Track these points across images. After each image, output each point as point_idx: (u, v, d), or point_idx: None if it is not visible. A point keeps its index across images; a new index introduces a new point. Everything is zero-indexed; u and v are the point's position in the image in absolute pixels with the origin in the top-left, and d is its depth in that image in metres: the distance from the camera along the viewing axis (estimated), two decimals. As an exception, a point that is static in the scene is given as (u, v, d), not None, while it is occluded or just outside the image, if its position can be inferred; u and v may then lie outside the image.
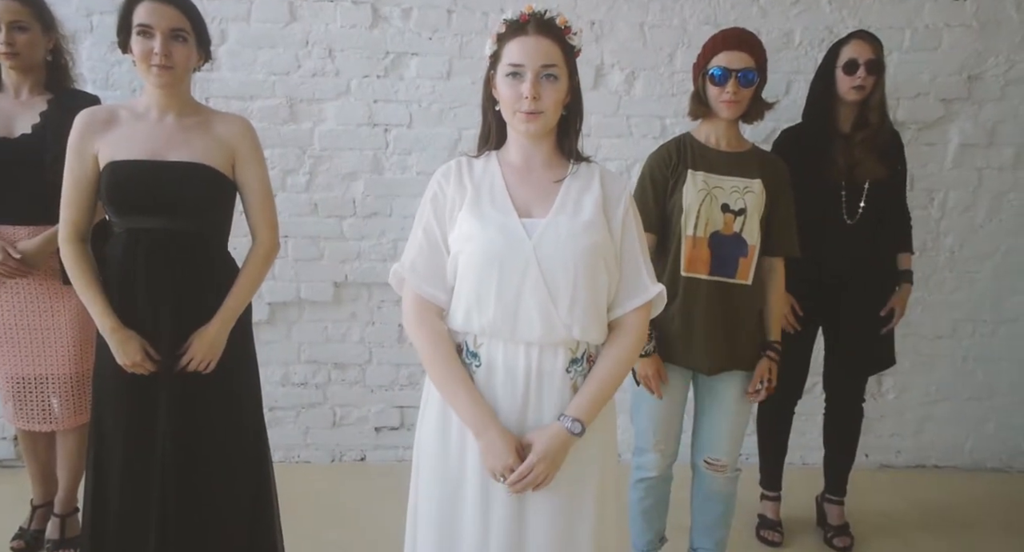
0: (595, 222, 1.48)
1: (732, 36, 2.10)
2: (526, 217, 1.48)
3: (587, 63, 2.89)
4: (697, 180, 2.10)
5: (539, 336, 1.45)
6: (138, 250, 1.82)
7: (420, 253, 1.52)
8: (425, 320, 1.51)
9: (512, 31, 1.47)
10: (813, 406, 2.97)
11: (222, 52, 2.80)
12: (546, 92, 1.45)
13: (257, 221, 1.96)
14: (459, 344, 1.52)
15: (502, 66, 1.47)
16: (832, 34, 2.89)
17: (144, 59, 1.76)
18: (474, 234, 1.46)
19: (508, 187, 1.52)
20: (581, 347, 1.50)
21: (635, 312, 1.53)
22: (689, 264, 2.09)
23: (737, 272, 2.11)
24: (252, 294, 1.97)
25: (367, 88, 2.87)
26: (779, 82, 2.92)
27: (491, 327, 1.46)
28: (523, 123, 1.47)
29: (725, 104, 2.07)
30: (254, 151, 1.93)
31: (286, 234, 2.94)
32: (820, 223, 2.44)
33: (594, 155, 2.97)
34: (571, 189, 1.52)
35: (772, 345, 2.18)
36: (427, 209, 1.54)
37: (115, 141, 1.82)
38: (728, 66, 2.06)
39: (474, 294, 1.46)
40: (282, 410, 3.11)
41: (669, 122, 2.94)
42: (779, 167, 2.20)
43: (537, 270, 1.44)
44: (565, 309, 1.45)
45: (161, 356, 1.85)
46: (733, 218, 2.10)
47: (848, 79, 2.37)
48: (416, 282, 1.51)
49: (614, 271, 1.52)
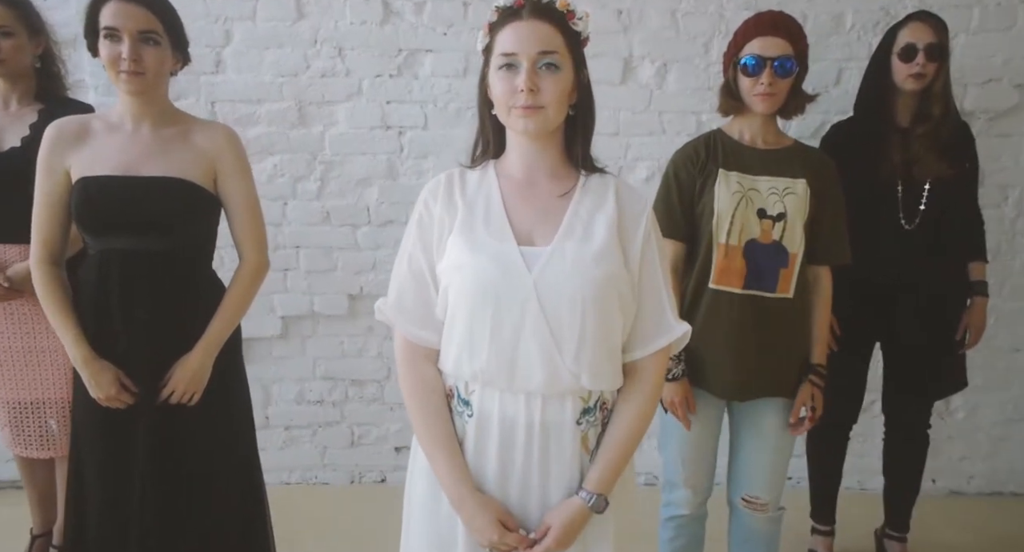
0: (608, 249, 1.26)
1: (766, 20, 1.85)
2: (527, 244, 1.27)
3: (615, 55, 2.68)
4: (730, 181, 1.86)
5: (541, 385, 1.24)
6: (112, 273, 1.68)
7: (405, 288, 1.32)
8: (413, 366, 1.32)
9: (505, 17, 1.26)
10: (873, 426, 2.72)
11: (227, 53, 2.66)
12: (545, 83, 1.23)
13: (242, 238, 1.80)
14: (450, 388, 1.32)
15: (495, 58, 1.26)
16: (889, 16, 2.60)
17: (112, 65, 1.62)
18: (464, 263, 1.25)
19: (506, 206, 1.30)
20: (594, 395, 1.29)
21: (655, 356, 1.31)
22: (720, 275, 1.86)
23: (778, 285, 1.87)
24: (238, 318, 1.82)
25: (379, 88, 2.70)
26: (828, 71, 2.66)
27: (484, 374, 1.25)
28: (520, 119, 1.24)
29: (759, 97, 1.83)
30: (237, 162, 1.77)
31: (298, 245, 2.81)
32: (874, 228, 2.18)
33: (623, 155, 2.80)
34: (580, 208, 1.30)
35: (815, 368, 1.93)
36: (412, 235, 1.33)
37: (87, 155, 1.68)
38: (762, 54, 1.81)
39: (465, 335, 1.26)
40: (298, 429, 2.97)
41: (705, 118, 2.69)
42: (825, 165, 1.95)
43: (538, 308, 1.22)
44: (571, 354, 1.23)
45: (139, 388, 1.71)
46: (772, 224, 1.86)
47: (905, 66, 2.10)
48: (402, 324, 1.32)
49: (630, 307, 1.29)
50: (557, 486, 1.28)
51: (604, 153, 2.68)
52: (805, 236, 1.87)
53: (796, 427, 1.93)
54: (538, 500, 1.28)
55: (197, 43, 2.59)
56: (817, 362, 1.94)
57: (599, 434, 1.31)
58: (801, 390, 1.91)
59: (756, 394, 1.90)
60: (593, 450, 1.30)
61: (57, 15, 2.30)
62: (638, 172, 2.76)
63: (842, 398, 2.28)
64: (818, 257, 1.93)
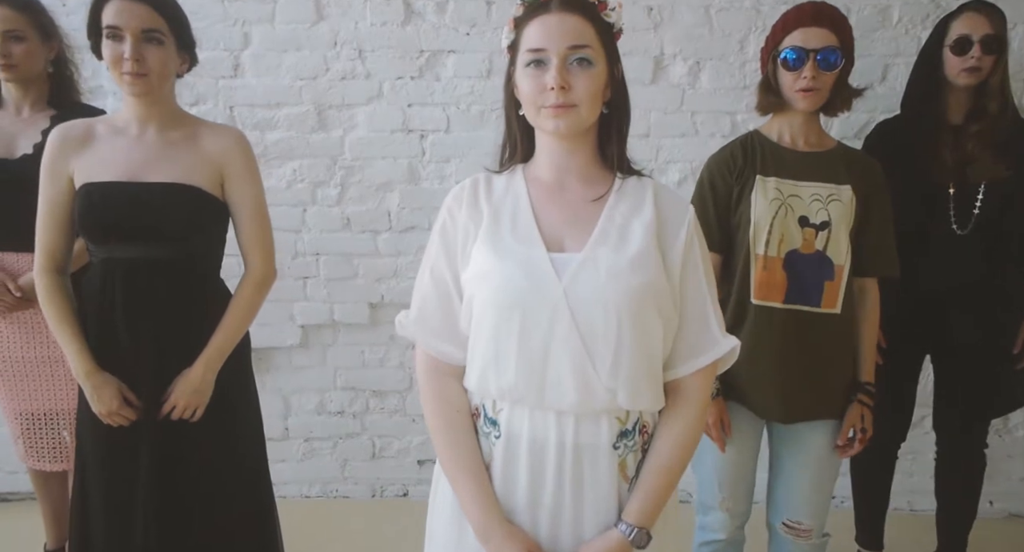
0: (646, 256, 1.15)
1: (809, 9, 1.72)
2: (557, 250, 1.17)
3: (645, 53, 2.56)
4: (768, 187, 1.73)
5: (573, 403, 1.14)
6: (115, 282, 1.61)
7: (427, 300, 1.24)
8: (435, 383, 1.23)
9: (531, 11, 1.17)
10: (923, 443, 2.56)
11: (246, 57, 2.60)
12: (578, 80, 1.13)
13: (248, 245, 1.72)
14: (475, 407, 1.22)
15: (521, 55, 1.17)
16: (939, 8, 2.46)
17: (115, 65, 1.55)
18: (490, 272, 1.16)
19: (535, 210, 1.20)
20: (632, 416, 1.18)
21: (699, 374, 1.20)
22: (760, 289, 1.73)
23: (823, 299, 1.73)
24: (243, 329, 1.74)
25: (400, 91, 2.62)
26: (874, 66, 2.51)
27: (512, 391, 1.16)
28: (550, 119, 1.15)
29: (801, 93, 1.70)
30: (246, 167, 1.70)
31: (317, 252, 2.73)
32: (923, 234, 2.04)
33: (654, 158, 2.67)
34: (615, 212, 1.19)
35: (864, 387, 1.79)
36: (435, 244, 1.24)
37: (91, 160, 1.62)
38: (805, 46, 1.69)
39: (490, 349, 1.16)
40: (319, 441, 2.90)
41: (740, 118, 2.56)
42: (872, 169, 1.81)
43: (569, 319, 1.12)
44: (606, 369, 1.13)
45: (143, 403, 1.64)
46: (814, 233, 1.72)
47: (958, 60, 1.96)
48: (424, 338, 1.23)
49: (671, 319, 1.18)
50: (592, 516, 1.17)
51: (635, 155, 2.52)
52: (851, 246, 1.74)
53: (844, 449, 1.80)
54: (570, 531, 1.18)
55: (215, 46, 2.58)
56: (866, 380, 1.80)
57: (639, 461, 1.20)
58: (850, 411, 1.78)
59: (801, 417, 1.78)
60: (632, 478, 1.19)
61: (75, 20, 2.24)
62: (670, 175, 2.63)
63: (890, 415, 2.15)
64: (864, 268, 1.80)
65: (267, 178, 2.64)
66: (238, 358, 1.76)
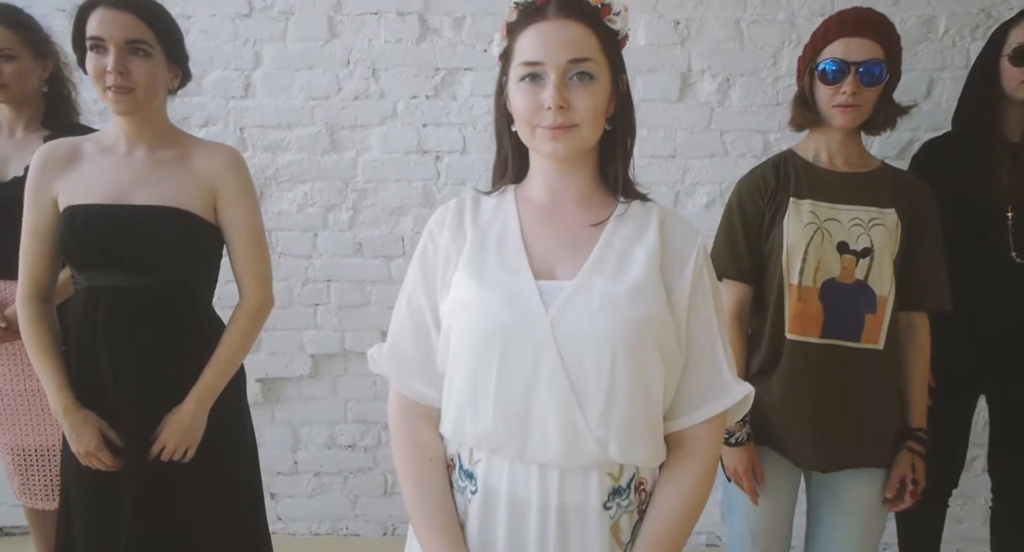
0: (647, 285, 1.02)
1: (852, 18, 1.58)
2: (547, 278, 1.04)
3: (671, 70, 2.43)
4: (802, 211, 1.58)
5: (558, 455, 1.00)
6: (98, 312, 1.51)
7: (402, 333, 1.12)
8: (408, 428, 1.10)
9: (526, 16, 1.05)
10: (973, 486, 2.35)
11: (257, 76, 2.52)
12: (579, 97, 1.01)
13: (243, 272, 1.61)
14: (451, 458, 1.09)
15: (515, 68, 1.04)
16: (991, 19, 2.30)
17: (98, 79, 1.45)
18: (469, 301, 1.03)
19: (525, 234, 1.08)
20: (627, 471, 1.03)
21: (707, 425, 1.06)
22: (795, 323, 1.57)
23: (863, 334, 1.57)
24: (238, 362, 1.62)
25: (415, 110, 2.51)
26: (917, 81, 2.35)
27: (490, 438, 1.02)
28: (547, 142, 1.03)
29: (840, 109, 1.56)
30: (241, 188, 1.59)
31: (328, 278, 2.62)
32: (977, 262, 1.87)
33: (680, 180, 2.52)
34: (615, 238, 1.07)
35: (915, 433, 1.62)
36: (414, 271, 1.13)
37: (75, 182, 1.52)
38: (846, 58, 1.54)
39: (467, 389, 1.03)
40: (328, 476, 2.76)
41: (773, 138, 2.40)
42: (920, 191, 1.66)
43: (556, 355, 0.99)
44: (596, 416, 0.99)
45: (127, 443, 1.52)
46: (854, 261, 1.57)
47: (1018, 71, 1.79)
48: (398, 376, 1.11)
49: (675, 361, 1.04)
50: None
51: (660, 177, 2.49)
52: (895, 276, 1.58)
53: (893, 502, 1.63)
54: None
55: (226, 66, 2.50)
56: (916, 425, 1.63)
57: (636, 523, 1.05)
58: (899, 460, 1.61)
59: (842, 464, 1.61)
60: (627, 544, 1.05)
61: (60, 39, 2.16)
62: (697, 198, 2.48)
63: (940, 460, 1.95)
64: (912, 302, 1.64)
65: (277, 202, 2.57)
66: (232, 392, 1.65)
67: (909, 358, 1.65)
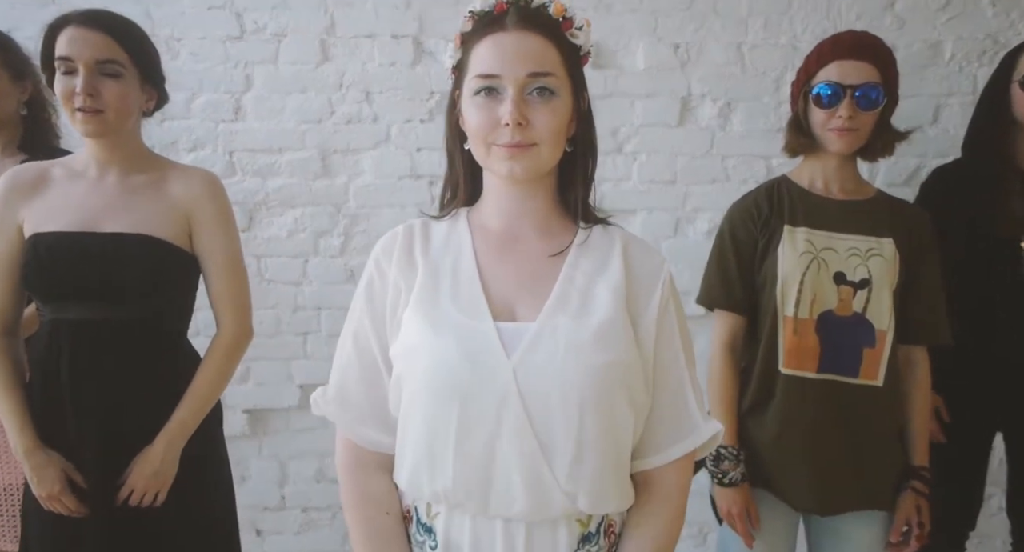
0: (613, 326, 0.95)
1: (847, 41, 1.54)
2: (507, 319, 0.96)
3: (671, 94, 2.37)
4: (797, 239, 1.52)
5: (525, 510, 0.93)
6: (62, 347, 1.43)
7: (349, 374, 1.03)
8: (358, 479, 1.02)
9: (483, 26, 0.98)
10: (990, 526, 2.25)
11: (248, 99, 2.46)
12: (538, 114, 0.95)
13: (220, 302, 1.53)
14: (407, 509, 1.01)
15: (470, 80, 0.97)
16: (998, 45, 2.24)
17: (66, 100, 1.39)
18: (421, 348, 0.95)
19: (481, 268, 1.01)
20: (596, 517, 0.97)
21: (676, 465, 1.00)
22: (790, 357, 1.50)
23: (861, 369, 1.50)
24: (213, 399, 1.54)
25: (409, 134, 2.46)
26: (924, 107, 2.29)
27: (450, 495, 0.94)
28: (504, 161, 0.96)
29: (836, 133, 1.51)
30: (218, 213, 1.52)
31: (319, 306, 2.54)
32: (991, 292, 1.79)
33: (681, 206, 2.44)
34: (577, 272, 1.00)
35: (918, 473, 1.55)
36: (360, 305, 1.04)
37: (41, 208, 1.45)
38: (841, 81, 1.50)
39: (422, 445, 0.95)
40: (317, 511, 2.67)
41: (776, 163, 2.34)
42: (920, 221, 1.60)
43: (520, 407, 0.91)
44: (565, 470, 0.92)
45: (90, 487, 1.43)
46: (852, 292, 1.51)
47: (1030, 97, 1.73)
48: (346, 421, 1.02)
49: (644, 403, 0.98)
50: None
51: (660, 202, 2.41)
52: (893, 309, 1.52)
53: (898, 547, 1.54)
54: None
55: (216, 89, 2.45)
56: (919, 464, 1.55)
57: None
58: (902, 501, 1.53)
59: (843, 507, 1.52)
60: None
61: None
62: (699, 225, 2.41)
63: (956, 502, 1.87)
64: (911, 336, 1.57)
65: (267, 227, 2.50)
66: (208, 427, 1.56)
67: (909, 394, 1.59)
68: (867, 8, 2.29)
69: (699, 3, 2.35)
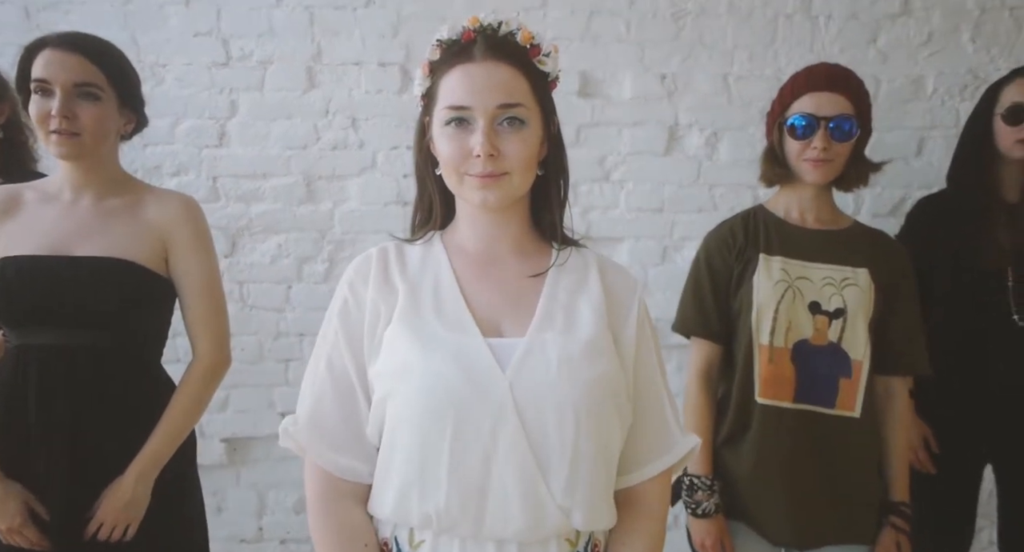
0: (600, 341, 0.97)
1: (820, 74, 1.56)
2: (494, 335, 0.96)
3: (659, 123, 2.38)
4: (773, 268, 1.52)
5: (520, 530, 0.91)
6: (29, 374, 1.39)
7: (323, 400, 1.00)
8: (332, 511, 0.98)
9: (452, 56, 0.99)
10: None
11: (232, 125, 2.45)
12: (509, 144, 0.96)
13: (196, 328, 1.50)
14: (384, 541, 0.98)
15: (440, 111, 0.98)
16: (978, 79, 2.27)
17: (42, 123, 1.37)
18: (411, 366, 0.94)
19: (462, 287, 1.00)
20: (583, 536, 0.96)
21: (656, 480, 1.01)
22: (766, 386, 1.49)
23: (837, 400, 1.50)
24: (187, 429, 1.50)
25: (395, 161, 2.45)
26: (908, 140, 2.30)
27: (442, 517, 0.92)
28: (477, 191, 0.97)
29: (811, 164, 1.53)
30: (195, 237, 1.49)
31: (302, 332, 2.51)
32: (979, 324, 1.79)
33: (668, 234, 2.43)
34: (558, 289, 1.01)
35: (897, 508, 1.53)
36: (333, 328, 1.02)
37: (13, 231, 1.42)
38: (815, 113, 1.51)
39: (413, 466, 0.93)
40: (295, 543, 2.60)
41: (762, 193, 2.33)
42: (896, 251, 1.61)
43: (517, 422, 0.91)
44: (562, 485, 0.91)
45: (53, 520, 1.38)
46: (827, 322, 1.50)
47: (1012, 130, 1.75)
48: (319, 450, 0.99)
49: (627, 417, 0.99)
50: None
51: (648, 231, 2.40)
52: (871, 340, 1.51)
53: (878, 584, 1.51)
54: None
55: (200, 115, 2.43)
56: (899, 499, 1.53)
57: None
58: (882, 537, 1.52)
59: (820, 540, 1.51)
60: None
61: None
62: (686, 253, 2.40)
63: (946, 536, 1.84)
64: (889, 366, 1.57)
65: (250, 253, 2.47)
66: (180, 457, 1.52)
67: (888, 426, 1.58)
68: (850, 42, 2.32)
69: (686, 34, 2.37)
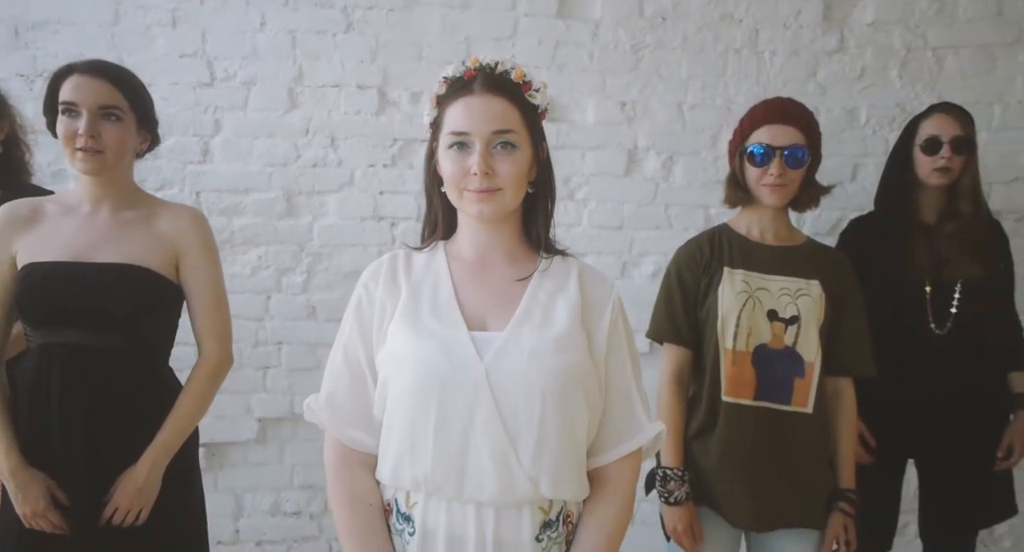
0: (571, 336, 1.13)
1: (775, 107, 1.75)
2: (478, 329, 1.13)
3: (619, 146, 2.57)
4: (735, 280, 1.70)
5: (495, 494, 1.08)
6: (52, 370, 1.50)
7: (339, 383, 1.18)
8: (344, 475, 1.16)
9: (455, 91, 1.17)
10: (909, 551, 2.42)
11: (216, 143, 2.56)
12: (502, 164, 1.13)
13: (203, 332, 1.63)
14: (387, 502, 1.15)
15: (444, 137, 1.16)
16: (904, 112, 2.51)
17: (68, 141, 1.49)
18: (406, 352, 1.12)
19: (456, 289, 1.18)
20: (555, 505, 1.12)
21: (625, 461, 1.16)
22: (731, 385, 1.67)
23: (792, 397, 1.68)
24: (194, 423, 1.63)
25: (372, 178, 2.59)
26: (843, 166, 2.54)
27: (429, 482, 1.09)
28: (474, 204, 1.15)
29: (769, 188, 1.71)
30: (204, 248, 1.62)
31: (280, 341, 2.62)
32: (901, 335, 1.99)
33: (627, 250, 2.63)
34: (539, 291, 1.18)
35: (845, 494, 1.71)
36: (349, 322, 1.20)
37: (35, 240, 1.53)
38: (772, 143, 1.70)
39: (406, 436, 1.10)
40: (271, 544, 2.69)
41: (714, 212, 2.55)
42: (842, 265, 1.80)
43: (491, 401, 1.08)
44: (529, 456, 1.08)
45: (73, 505, 1.49)
46: (783, 328, 1.69)
47: (929, 160, 1.97)
48: (335, 424, 1.16)
49: (596, 403, 1.15)
50: None
51: (608, 247, 2.60)
52: (822, 344, 1.69)
53: (828, 563, 1.69)
54: None
55: (185, 132, 2.54)
56: (847, 487, 1.71)
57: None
58: (831, 520, 1.69)
59: (777, 524, 1.68)
60: None
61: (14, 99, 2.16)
62: (644, 267, 2.60)
63: (874, 521, 2.03)
64: (838, 368, 1.75)
65: (231, 264, 2.57)
66: (185, 454, 1.63)
67: (838, 422, 1.75)
68: (793, 76, 2.55)
69: (644, 65, 2.57)
